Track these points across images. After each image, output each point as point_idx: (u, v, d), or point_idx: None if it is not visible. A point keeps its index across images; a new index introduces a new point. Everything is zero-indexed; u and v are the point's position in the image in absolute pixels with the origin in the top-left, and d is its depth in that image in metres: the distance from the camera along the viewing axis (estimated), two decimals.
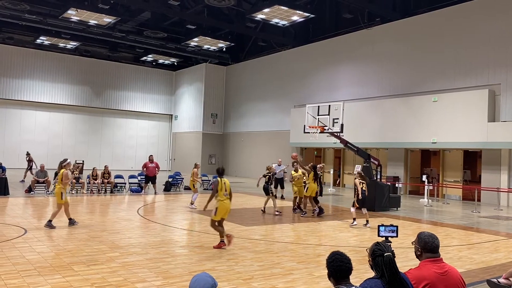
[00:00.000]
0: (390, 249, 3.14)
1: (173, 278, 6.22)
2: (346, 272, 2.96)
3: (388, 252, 3.09)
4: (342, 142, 16.17)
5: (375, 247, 3.16)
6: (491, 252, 8.98)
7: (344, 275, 2.96)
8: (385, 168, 22.09)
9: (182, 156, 37.84)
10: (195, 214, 13.16)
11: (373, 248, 3.16)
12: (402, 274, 3.18)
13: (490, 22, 19.35)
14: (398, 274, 3.03)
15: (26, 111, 33.23)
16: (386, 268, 3.02)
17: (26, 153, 24.39)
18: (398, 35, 23.18)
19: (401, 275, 3.11)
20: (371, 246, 3.19)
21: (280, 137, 29.92)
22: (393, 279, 3.00)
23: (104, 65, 36.24)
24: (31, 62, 33.14)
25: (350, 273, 2.98)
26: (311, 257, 7.86)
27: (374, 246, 3.17)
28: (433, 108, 20.57)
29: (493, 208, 16.95)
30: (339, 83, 26.18)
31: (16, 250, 7.61)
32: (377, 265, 3.07)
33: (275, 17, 25.10)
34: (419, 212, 15.54)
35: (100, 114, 36.36)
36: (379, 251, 3.11)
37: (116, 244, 8.39)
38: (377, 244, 3.19)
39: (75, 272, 6.37)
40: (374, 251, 3.14)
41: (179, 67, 39.32)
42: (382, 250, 3.10)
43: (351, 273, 2.99)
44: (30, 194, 16.49)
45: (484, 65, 19.50)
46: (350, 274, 2.98)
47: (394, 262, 3.06)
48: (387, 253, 3.07)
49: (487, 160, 19.31)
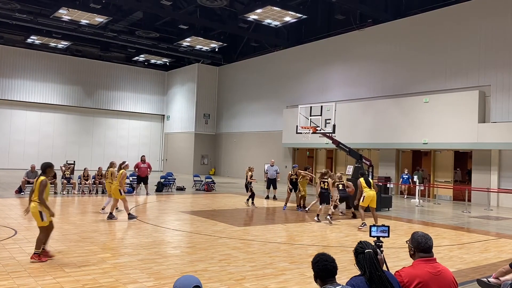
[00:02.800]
0: (372, 247, 3.25)
1: (165, 279, 6.20)
2: (331, 271, 3.02)
3: (369, 249, 3.21)
4: (334, 142, 16.22)
5: (357, 245, 3.30)
6: (481, 252, 9.05)
7: (330, 274, 3.02)
8: (377, 169, 22.21)
9: (174, 156, 37.74)
10: (187, 215, 13.13)
11: (356, 246, 3.30)
12: (387, 273, 3.24)
13: (481, 23, 19.54)
14: (378, 271, 3.11)
15: (17, 111, 32.93)
16: (366, 264, 3.13)
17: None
18: (389, 36, 23.32)
19: (385, 273, 3.17)
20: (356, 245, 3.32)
21: (272, 137, 29.94)
22: (373, 276, 3.09)
23: (96, 65, 36.03)
24: (22, 61, 32.84)
25: (335, 273, 3.04)
26: (304, 257, 7.88)
27: (357, 245, 3.30)
28: (424, 109, 20.72)
29: (483, 208, 17.10)
30: (332, 84, 26.27)
31: (6, 251, 7.53)
32: (359, 263, 3.20)
33: (268, 18, 25.13)
34: (411, 213, 15.63)
35: (91, 114, 36.13)
36: (361, 248, 3.24)
37: (108, 245, 8.34)
38: (360, 243, 3.32)
39: (66, 273, 6.32)
40: (356, 249, 3.27)
41: (171, 67, 39.20)
42: (363, 248, 3.23)
43: (337, 273, 3.04)
44: (21, 195, 16.34)
45: (475, 67, 19.68)
46: (335, 273, 3.04)
47: (374, 258, 3.17)
48: (368, 249, 3.19)
49: (478, 161, 19.49)
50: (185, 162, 35.77)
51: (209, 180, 21.69)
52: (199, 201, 16.59)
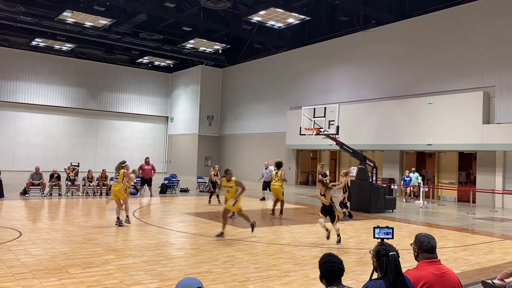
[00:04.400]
0: (395, 249, 3.14)
1: (169, 281, 6.21)
2: (338, 273, 2.99)
3: (393, 251, 3.09)
4: (338, 144, 16.20)
5: (379, 247, 3.14)
6: (486, 253, 9.01)
7: (336, 275, 2.99)
8: (381, 170, 22.16)
9: (178, 158, 37.79)
10: (191, 216, 13.14)
11: (377, 248, 3.15)
12: (404, 275, 3.18)
13: (485, 24, 19.47)
14: (401, 275, 3.02)
15: (21, 113, 33.09)
16: (391, 267, 3.00)
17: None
18: (393, 38, 23.28)
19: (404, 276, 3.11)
20: (375, 247, 3.18)
21: (276, 139, 29.94)
22: (397, 279, 2.99)
23: (100, 67, 36.15)
24: (27, 64, 33.01)
25: (342, 274, 3.01)
26: (307, 259, 7.87)
27: (379, 246, 3.15)
28: (429, 110, 20.66)
29: (488, 210, 17.03)
30: (335, 85, 26.25)
31: (11, 253, 7.57)
32: (382, 265, 3.05)
33: (271, 19, 25.15)
34: (415, 214, 15.58)
35: (95, 116, 36.26)
36: (384, 250, 3.10)
37: (112, 247, 8.36)
38: (382, 244, 3.17)
39: (71, 275, 6.34)
40: (378, 251, 3.12)
41: (175, 69, 39.28)
42: (387, 250, 3.10)
43: (343, 274, 3.01)
44: (25, 197, 16.41)
45: (479, 67, 19.61)
46: (342, 275, 3.01)
47: (398, 261, 3.06)
48: (392, 252, 3.07)
49: (482, 162, 19.41)
50: (189, 164, 35.81)
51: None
52: (203, 203, 16.61)
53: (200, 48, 32.73)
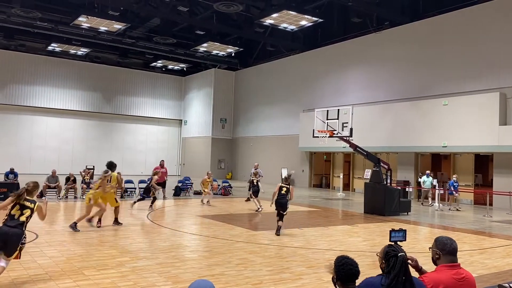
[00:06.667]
0: (403, 250, 3.13)
1: (182, 283, 6.23)
2: (354, 276, 3.00)
3: (402, 252, 3.08)
4: (352, 146, 16.11)
5: (388, 249, 3.13)
6: (503, 257, 8.86)
7: (352, 278, 3.00)
8: (395, 173, 21.94)
9: (192, 161, 37.97)
10: (204, 219, 13.18)
11: (386, 250, 3.14)
12: (414, 278, 3.15)
13: (500, 24, 19.20)
14: (410, 275, 3.01)
15: (38, 117, 33.65)
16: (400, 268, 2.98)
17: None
18: (407, 39, 23.08)
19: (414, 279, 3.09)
20: (383, 248, 3.17)
21: (289, 141, 29.89)
22: (406, 280, 2.98)
23: (114, 71, 36.59)
24: (43, 68, 33.58)
25: (357, 277, 3.02)
26: (321, 262, 7.83)
27: (387, 248, 3.15)
28: (444, 112, 20.42)
29: (505, 213, 16.73)
30: (348, 87, 26.12)
31: (27, 254, 7.67)
32: (390, 266, 3.03)
33: (284, 22, 25.17)
34: (430, 217, 15.39)
35: (110, 120, 36.68)
36: (393, 251, 3.09)
37: (126, 249, 8.43)
38: (390, 246, 3.17)
39: (86, 276, 6.42)
40: (387, 252, 3.11)
41: (188, 73, 39.54)
42: (396, 251, 3.09)
43: (358, 277, 3.01)
44: (42, 199, 16.63)
45: (495, 68, 19.33)
46: (357, 278, 3.02)
47: (407, 263, 3.06)
48: (401, 253, 3.06)
49: (499, 164, 19.09)
50: (202, 167, 35.89)
51: (226, 184, 21.75)
52: (216, 205, 16.65)
53: (213, 51, 32.88)
